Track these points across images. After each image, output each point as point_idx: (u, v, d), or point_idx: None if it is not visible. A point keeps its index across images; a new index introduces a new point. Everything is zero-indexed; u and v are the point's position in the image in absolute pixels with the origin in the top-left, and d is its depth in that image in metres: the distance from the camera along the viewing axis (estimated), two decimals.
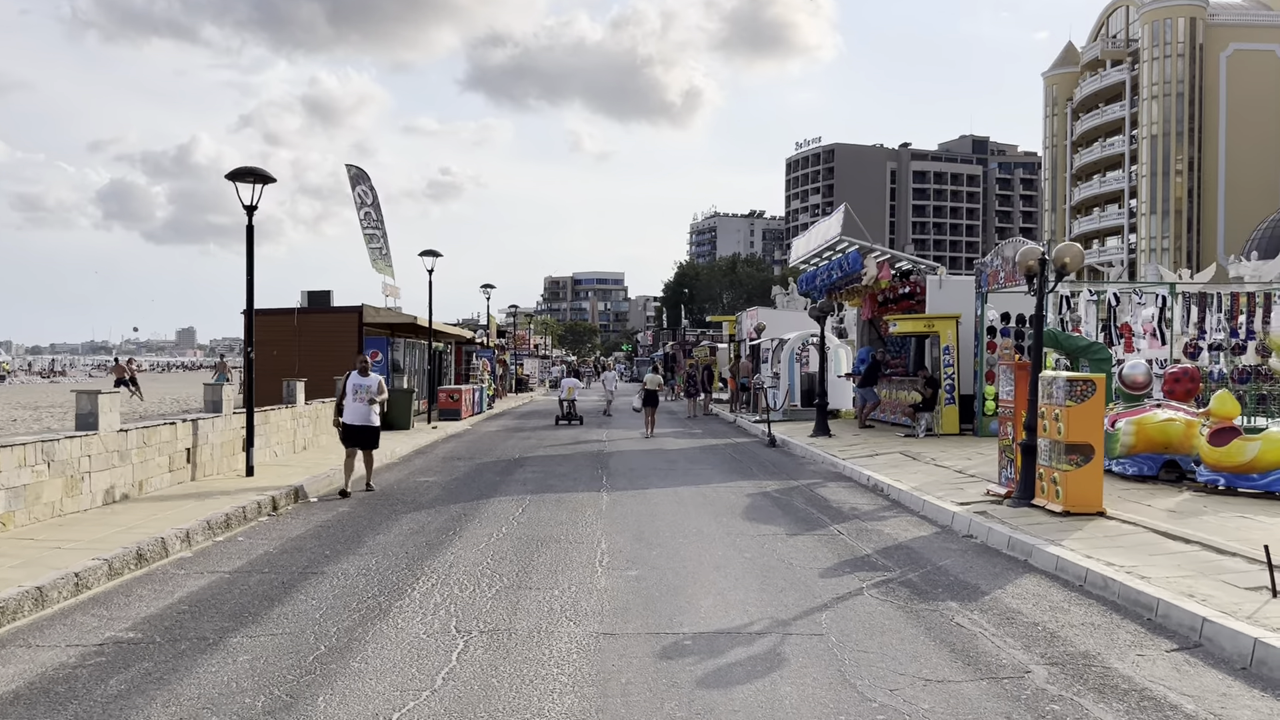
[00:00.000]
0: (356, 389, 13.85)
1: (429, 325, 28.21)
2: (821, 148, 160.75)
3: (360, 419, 13.78)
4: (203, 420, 14.13)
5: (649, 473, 16.17)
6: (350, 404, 13.78)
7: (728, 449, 20.60)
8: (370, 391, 13.84)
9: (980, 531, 10.10)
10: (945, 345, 20.04)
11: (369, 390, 13.85)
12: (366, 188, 33.49)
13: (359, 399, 13.76)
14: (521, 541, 9.97)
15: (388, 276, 33.00)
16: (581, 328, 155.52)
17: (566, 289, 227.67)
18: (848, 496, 13.28)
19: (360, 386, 13.87)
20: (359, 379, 13.92)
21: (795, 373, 27.39)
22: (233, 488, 13.13)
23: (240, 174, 14.18)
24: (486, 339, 43.40)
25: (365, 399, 13.76)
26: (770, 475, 15.73)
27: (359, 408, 13.76)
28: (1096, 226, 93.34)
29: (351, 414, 13.77)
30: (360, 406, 13.74)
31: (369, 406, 13.77)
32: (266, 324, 28.94)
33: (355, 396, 13.79)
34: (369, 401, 13.78)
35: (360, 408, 13.75)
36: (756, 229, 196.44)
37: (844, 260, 22.11)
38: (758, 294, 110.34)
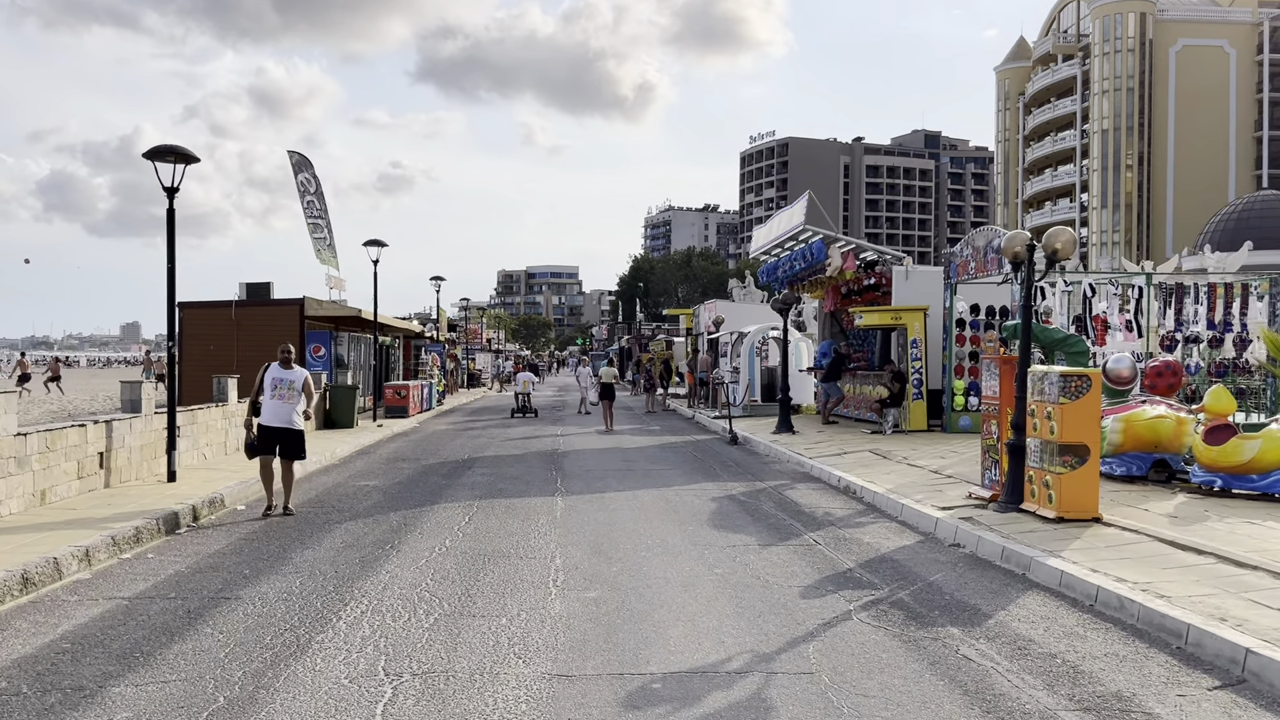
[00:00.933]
0: (276, 384, 11.58)
1: (374, 318, 26.98)
2: (775, 141, 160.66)
3: (280, 420, 11.51)
4: (118, 421, 12.92)
5: (606, 474, 15.22)
6: (268, 402, 11.55)
7: (688, 447, 19.71)
8: (293, 388, 11.63)
9: (968, 540, 9.28)
10: (913, 338, 19.29)
11: (292, 386, 11.63)
12: (309, 175, 32.10)
13: (279, 396, 11.56)
14: (466, 557, 8.97)
15: (332, 268, 31.64)
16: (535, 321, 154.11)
17: (520, 282, 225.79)
18: (819, 500, 12.42)
19: (281, 381, 11.61)
20: (280, 372, 11.63)
21: (755, 367, 26.57)
22: (150, 496, 11.96)
23: (160, 152, 12.98)
24: (436, 333, 42.13)
25: (287, 397, 11.58)
26: (735, 476, 14.85)
27: (279, 407, 11.54)
28: (1048, 220, 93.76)
29: (270, 414, 11.53)
30: (280, 405, 11.53)
31: (291, 406, 11.57)
32: (203, 318, 27.64)
33: (274, 393, 11.55)
34: (291, 399, 11.60)
35: (280, 407, 11.54)
36: (711, 223, 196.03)
37: (807, 250, 21.31)
38: (713, 288, 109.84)
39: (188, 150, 13.12)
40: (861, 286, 21.86)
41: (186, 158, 13.18)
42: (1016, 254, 10.53)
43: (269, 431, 11.56)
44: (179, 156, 13.07)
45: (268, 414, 11.56)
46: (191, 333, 27.73)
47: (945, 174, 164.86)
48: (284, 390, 11.61)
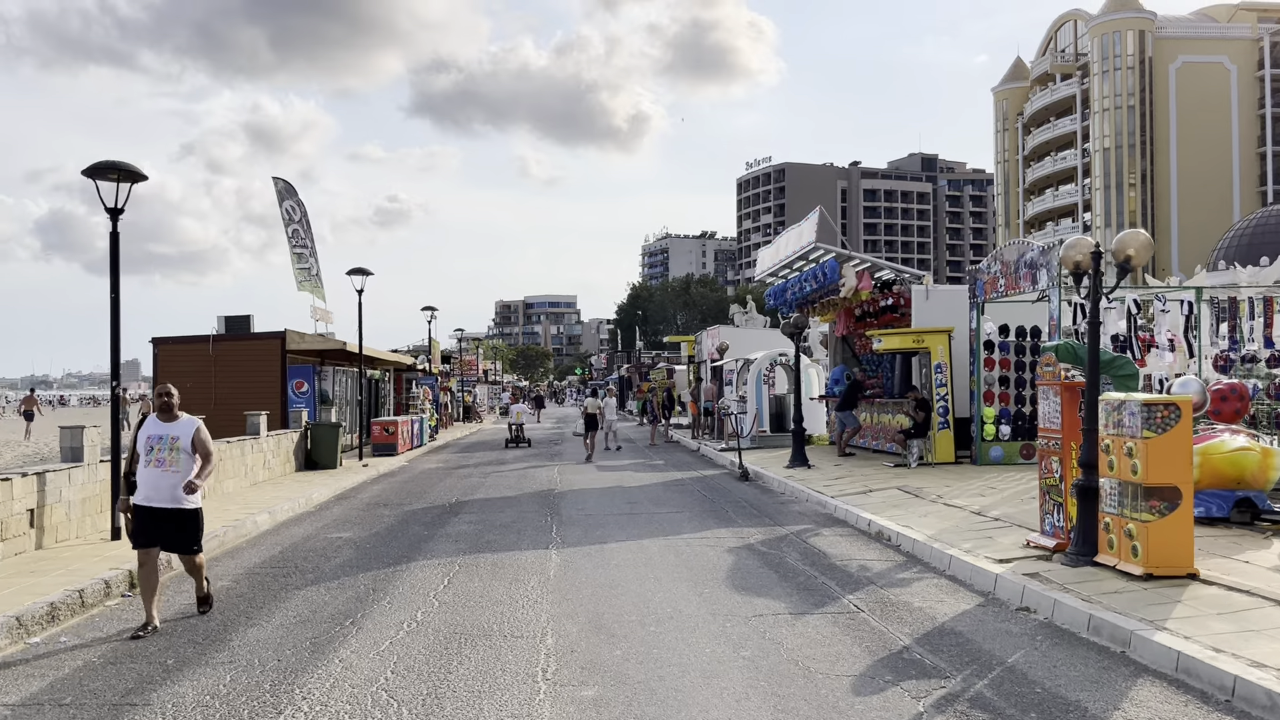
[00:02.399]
0: (153, 444, 7.99)
1: (359, 351, 25.51)
2: (772, 167, 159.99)
3: (161, 496, 7.94)
4: (54, 473, 11.39)
5: (607, 519, 13.68)
6: (144, 472, 7.97)
7: (695, 484, 18.18)
8: (176, 449, 7.98)
9: (1041, 604, 7.75)
10: (937, 363, 17.81)
11: (174, 447, 7.98)
12: (294, 203, 30.78)
13: (157, 461, 7.93)
14: (439, 637, 7.43)
15: (318, 299, 30.22)
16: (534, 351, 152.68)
17: (518, 313, 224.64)
18: (850, 549, 10.89)
19: (159, 441, 7.99)
20: (158, 426, 8.09)
21: (763, 395, 25.09)
22: (85, 560, 10.43)
23: (101, 170, 11.56)
24: (429, 365, 40.66)
25: (168, 462, 7.95)
26: (751, 520, 13.31)
27: (158, 478, 7.92)
28: (1050, 241, 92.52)
29: (147, 488, 7.94)
30: (160, 476, 7.92)
31: (176, 476, 7.95)
32: (179, 354, 26.16)
33: (150, 457, 7.96)
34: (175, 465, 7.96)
35: (160, 478, 7.92)
36: (709, 249, 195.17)
37: (819, 270, 19.88)
38: (712, 314, 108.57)
39: (132, 167, 11.70)
40: (878, 308, 20.40)
41: (132, 175, 11.75)
42: (1079, 264, 9.08)
43: (146, 515, 7.97)
44: (123, 174, 11.65)
45: (144, 488, 7.99)
46: (167, 370, 26.23)
47: (943, 197, 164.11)
48: (163, 453, 7.98)
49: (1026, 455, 17.36)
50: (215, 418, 22.65)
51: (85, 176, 11.59)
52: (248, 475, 18.28)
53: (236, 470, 17.71)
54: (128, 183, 11.79)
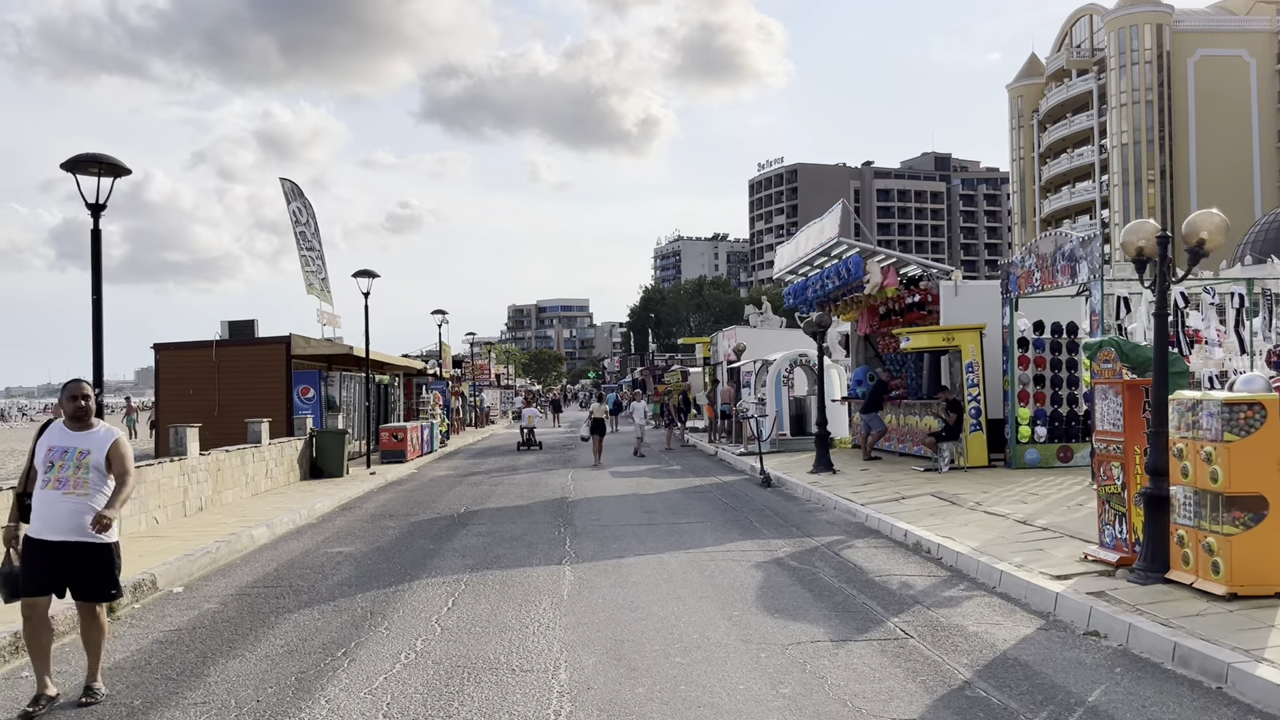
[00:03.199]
0: (54, 459, 6.14)
1: (365, 355, 24.79)
2: (784, 168, 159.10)
3: (60, 527, 6.04)
4: None
5: (624, 530, 12.89)
6: (40, 495, 6.09)
7: (715, 491, 17.37)
8: (84, 466, 6.12)
9: (1112, 629, 6.92)
10: (968, 361, 16.95)
11: (82, 462, 6.12)
12: (301, 204, 30.16)
13: (58, 482, 6.06)
14: (440, 671, 6.65)
15: (325, 303, 29.57)
16: (546, 355, 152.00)
17: (531, 317, 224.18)
18: (888, 563, 10.06)
19: (63, 454, 6.15)
20: (63, 436, 6.26)
21: (783, 397, 24.26)
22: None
23: (80, 163, 10.82)
24: (440, 369, 39.94)
25: (73, 484, 6.06)
26: (777, 530, 12.49)
27: (58, 503, 6.04)
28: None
29: (43, 515, 6.07)
30: (59, 501, 6.04)
31: (83, 501, 6.05)
32: (181, 360, 25.51)
33: (50, 475, 6.10)
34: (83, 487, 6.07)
35: (60, 503, 6.04)
36: (721, 252, 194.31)
37: (842, 267, 19.05)
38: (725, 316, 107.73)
39: (114, 160, 10.95)
40: (904, 305, 19.56)
41: (114, 169, 11.02)
42: (1141, 249, 8.24)
43: (38, 552, 6.05)
44: (104, 168, 10.92)
45: (39, 516, 6.07)
46: (169, 376, 25.64)
47: (957, 196, 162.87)
48: (66, 470, 6.10)
49: (1064, 458, 16.50)
50: (218, 425, 22.08)
51: (64, 170, 10.87)
52: (248, 485, 17.56)
53: (236, 480, 16.99)
54: (109, 177, 11.06)
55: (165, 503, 14.00)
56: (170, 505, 14.17)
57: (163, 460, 14.17)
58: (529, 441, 31.02)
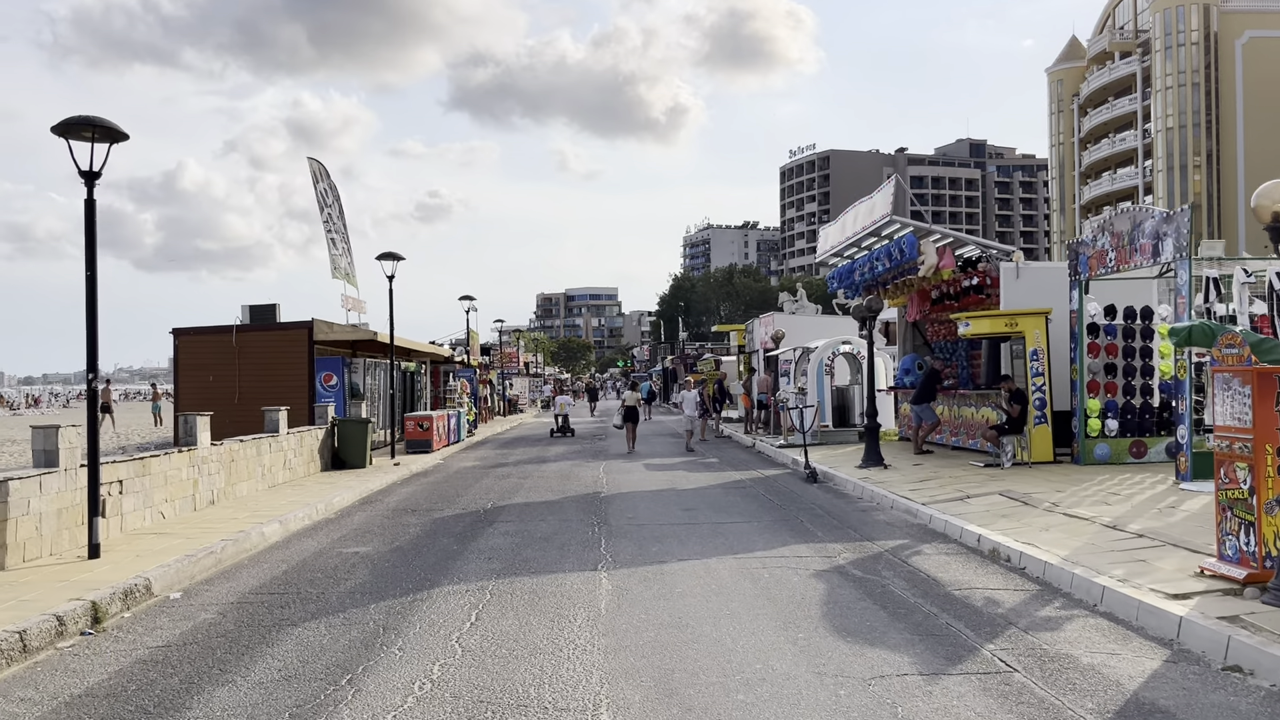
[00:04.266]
0: None
1: (390, 341, 23.86)
2: (816, 155, 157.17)
3: None
4: (19, 481, 9.74)
5: (663, 530, 11.83)
6: None
7: (757, 486, 16.29)
8: None
9: (1259, 663, 5.78)
10: (1033, 349, 15.73)
11: None
12: (327, 186, 29.30)
13: None
14: (458, 708, 5.62)
15: (350, 287, 28.69)
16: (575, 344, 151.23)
17: (559, 305, 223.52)
18: (966, 574, 8.94)
19: None
20: None
21: (825, 387, 23.10)
22: (47, 586, 8.77)
23: (73, 126, 9.87)
24: (468, 357, 39.04)
25: None
26: (832, 532, 11.39)
27: None
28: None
29: None
30: None
31: None
32: (200, 345, 24.73)
33: None
34: None
35: None
36: (751, 240, 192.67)
37: (893, 247, 17.83)
38: (756, 304, 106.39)
39: (110, 123, 10.01)
40: (959, 289, 18.33)
41: (110, 133, 10.07)
42: (1279, 214, 7.04)
43: None
44: (99, 131, 9.96)
45: None
46: (188, 362, 24.86)
47: (992, 183, 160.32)
48: None
49: (1137, 454, 15.27)
50: (239, 413, 21.23)
51: (55, 134, 9.93)
52: (264, 477, 16.66)
53: (251, 471, 16.09)
54: (105, 142, 10.11)
55: (173, 496, 13.09)
56: (179, 499, 13.27)
57: (170, 451, 13.26)
58: (563, 429, 31.41)
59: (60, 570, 9.43)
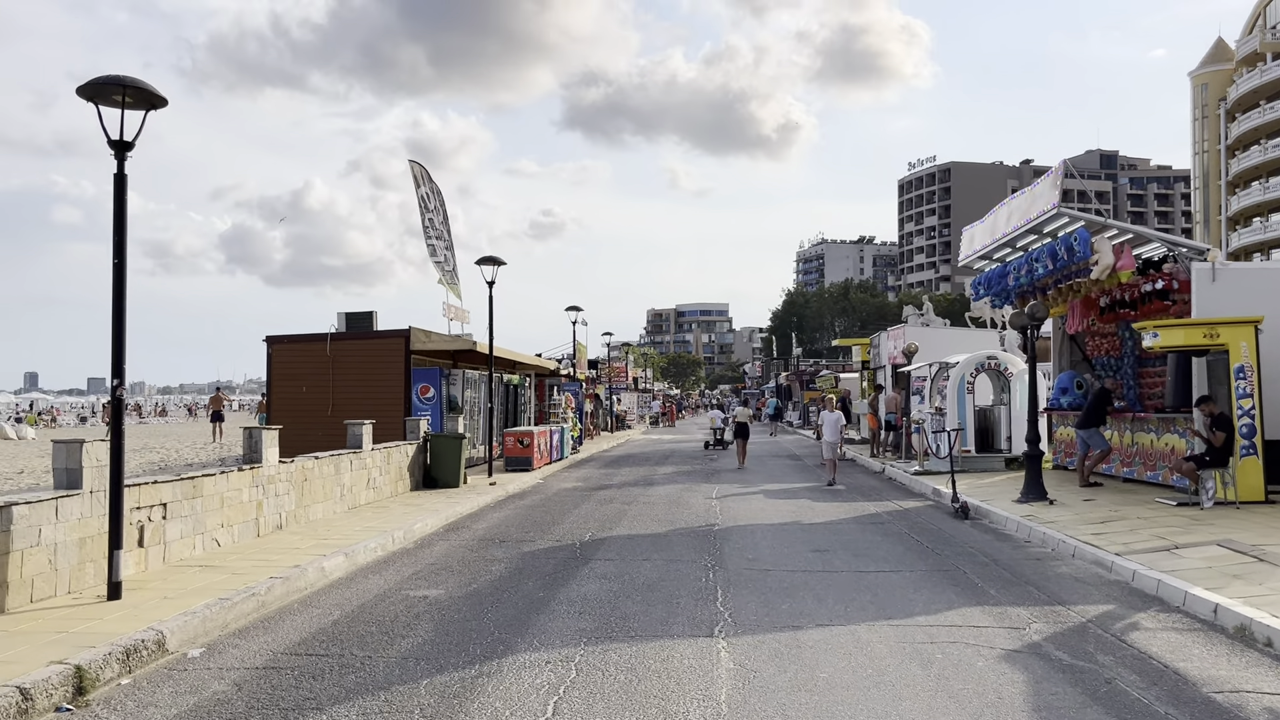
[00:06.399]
0: None
1: (489, 351, 22.29)
2: (936, 167, 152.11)
3: None
4: (28, 505, 8.20)
5: (792, 578, 9.70)
6: None
7: (897, 522, 14.00)
8: None
9: None
10: (1238, 364, 13.04)
11: None
12: (430, 190, 28.01)
13: None
14: None
15: (453, 295, 27.30)
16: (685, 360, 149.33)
17: (669, 321, 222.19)
18: (1216, 663, 6.58)
19: None
20: None
21: (967, 407, 20.55)
22: (41, 637, 7.16)
23: (101, 88, 8.34)
24: (574, 370, 37.44)
25: None
26: (1008, 590, 9.08)
27: None
28: (1261, 238, 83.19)
29: None
30: None
31: None
32: (294, 354, 23.55)
33: None
34: None
35: None
36: (866, 255, 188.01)
37: (1059, 246, 15.26)
38: (872, 320, 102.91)
39: (145, 85, 8.45)
40: (1138, 294, 15.65)
41: (147, 98, 8.52)
42: None
43: None
44: (131, 92, 8.42)
45: None
46: (282, 372, 23.73)
47: (1124, 195, 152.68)
48: None
49: None
50: (331, 426, 19.84)
51: (82, 98, 8.43)
52: (344, 497, 15.12)
53: (329, 492, 14.55)
54: (140, 109, 8.58)
55: (231, 520, 11.55)
56: (238, 524, 11.73)
57: (229, 470, 11.73)
58: (719, 442, 31.98)
59: (67, 615, 7.84)
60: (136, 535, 9.69)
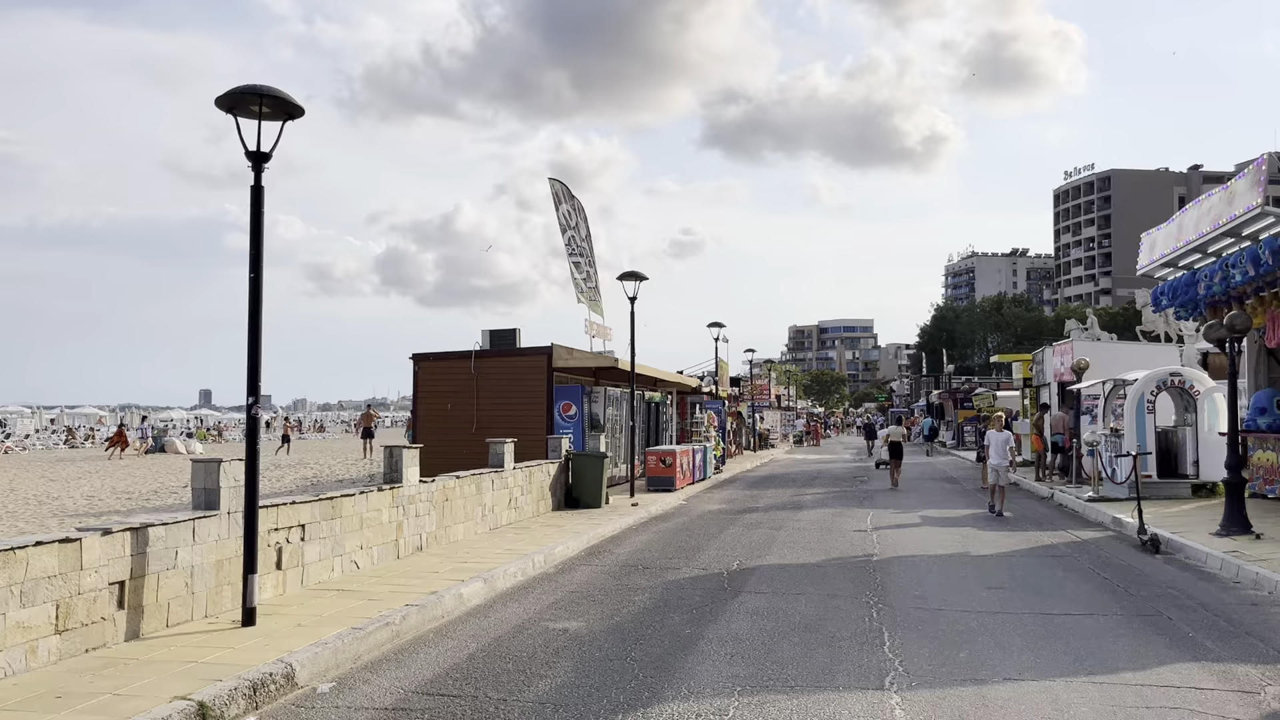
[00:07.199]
0: None
1: (631, 368, 21.80)
2: (1095, 175, 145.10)
3: None
4: (164, 527, 8.00)
5: (968, 620, 8.70)
6: None
7: (1077, 555, 12.70)
8: None
9: None
10: None
11: None
12: (571, 208, 27.85)
13: None
14: None
15: (595, 313, 26.99)
16: (828, 377, 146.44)
17: (812, 338, 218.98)
18: None
19: None
20: None
21: (1147, 428, 18.84)
22: (172, 665, 6.87)
23: (240, 99, 8.13)
24: (716, 388, 36.70)
25: None
26: (1226, 642, 7.86)
27: None
28: None
29: None
30: None
31: None
32: (439, 371, 23.63)
33: None
34: None
35: None
36: (1019, 268, 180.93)
37: (1261, 251, 13.63)
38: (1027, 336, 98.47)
39: (281, 93, 8.20)
40: None
41: (284, 106, 8.27)
42: None
43: None
44: (271, 104, 8.18)
45: None
46: (428, 389, 23.83)
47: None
48: None
49: None
50: (476, 444, 19.70)
51: (221, 109, 8.23)
52: (485, 518, 14.79)
53: (470, 512, 14.23)
54: (277, 120, 8.34)
55: (370, 542, 11.28)
56: (377, 545, 11.45)
57: (368, 490, 11.47)
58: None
59: (200, 643, 7.57)
60: (274, 557, 9.46)
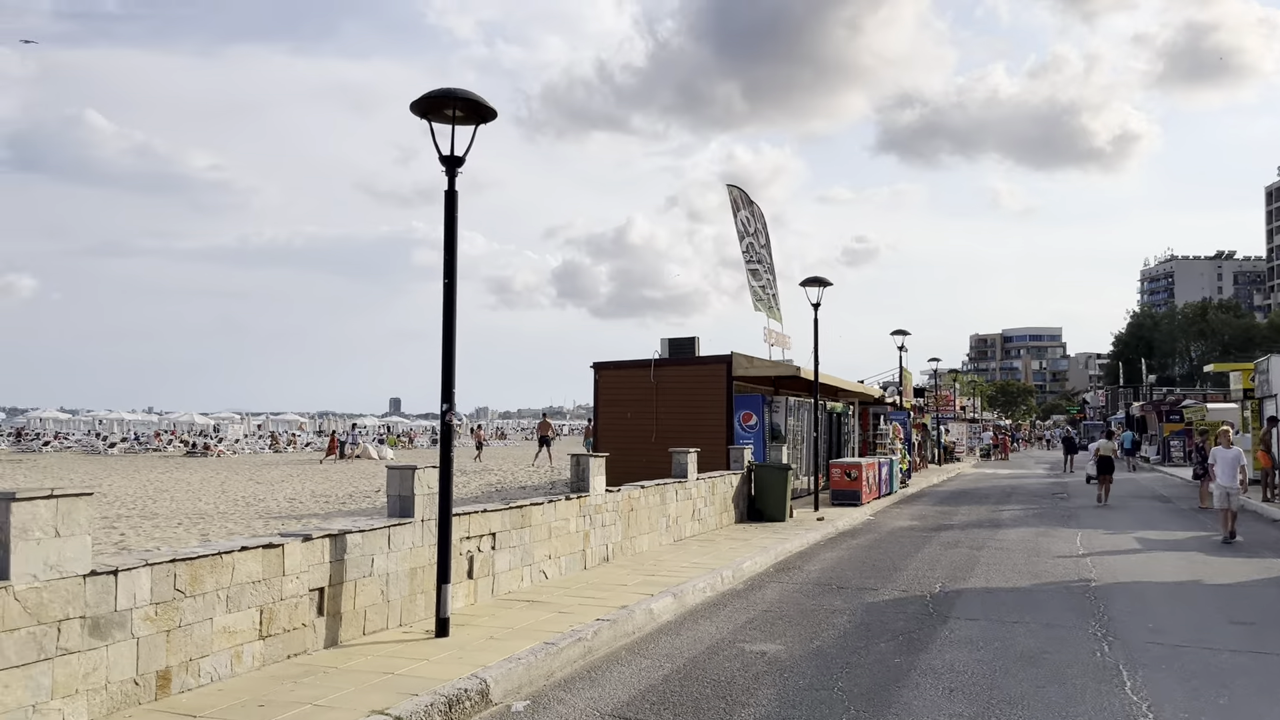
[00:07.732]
0: None
1: (814, 377, 21.09)
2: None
3: None
4: (361, 534, 7.98)
5: (1218, 661, 7.71)
6: None
7: None
8: None
9: None
10: None
11: None
12: (750, 214, 27.38)
13: None
14: None
15: (773, 321, 26.39)
16: (1014, 388, 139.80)
17: (995, 347, 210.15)
18: None
19: None
20: None
21: None
22: (367, 676, 6.78)
23: (435, 104, 8.05)
24: (899, 398, 35.36)
25: None
26: None
27: None
28: None
29: None
30: None
31: None
32: (619, 380, 23.60)
33: None
34: None
35: None
36: (1225, 272, 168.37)
37: None
38: (1236, 344, 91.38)
39: (475, 96, 8.08)
40: None
41: (477, 109, 8.15)
42: None
43: None
44: (464, 107, 8.08)
45: None
46: (608, 398, 23.84)
47: None
48: None
49: None
50: (655, 453, 19.52)
51: (415, 114, 8.19)
52: (669, 529, 14.46)
53: (654, 523, 13.93)
54: (469, 124, 8.24)
55: (557, 552, 11.11)
56: (564, 555, 11.27)
57: (556, 498, 11.29)
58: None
59: (394, 652, 7.48)
60: (466, 566, 9.37)
